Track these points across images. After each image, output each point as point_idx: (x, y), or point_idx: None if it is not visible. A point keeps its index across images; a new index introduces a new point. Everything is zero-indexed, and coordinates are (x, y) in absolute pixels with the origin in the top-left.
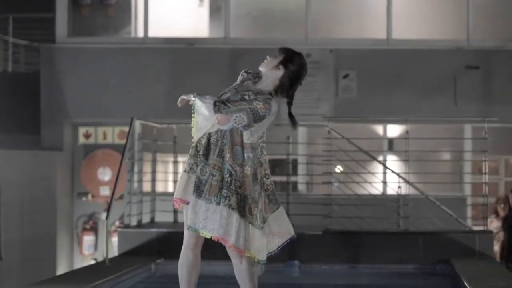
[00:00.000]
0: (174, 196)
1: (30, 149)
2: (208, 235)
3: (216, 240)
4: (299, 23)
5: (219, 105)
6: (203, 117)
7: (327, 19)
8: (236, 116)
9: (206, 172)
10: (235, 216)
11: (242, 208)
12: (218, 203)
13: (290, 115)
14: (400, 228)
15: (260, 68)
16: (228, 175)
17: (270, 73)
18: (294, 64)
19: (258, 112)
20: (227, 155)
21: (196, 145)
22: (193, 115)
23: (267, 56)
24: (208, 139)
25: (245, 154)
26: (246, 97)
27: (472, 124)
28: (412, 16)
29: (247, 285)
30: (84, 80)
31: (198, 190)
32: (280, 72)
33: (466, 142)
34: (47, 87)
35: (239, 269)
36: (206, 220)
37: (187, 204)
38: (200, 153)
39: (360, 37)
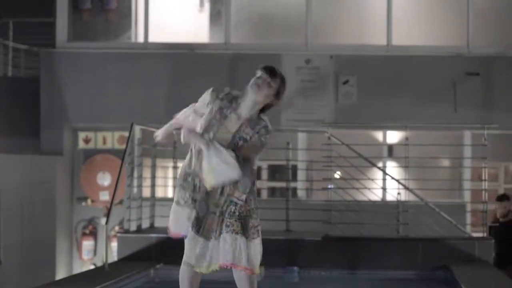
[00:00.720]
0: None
1: (30, 154)
2: (202, 270)
3: (226, 267)
4: (299, 29)
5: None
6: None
7: (327, 25)
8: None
9: (204, 208)
10: (239, 239)
11: (246, 229)
12: (219, 234)
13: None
14: (400, 235)
15: (258, 97)
16: (233, 207)
17: (263, 100)
18: (283, 92)
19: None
20: (229, 190)
21: (188, 176)
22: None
23: (267, 84)
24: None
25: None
26: (263, 139)
27: (472, 130)
28: (412, 22)
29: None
30: (84, 85)
31: (197, 226)
32: (271, 99)
33: (466, 149)
34: (47, 92)
35: (240, 277)
36: (202, 256)
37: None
38: (197, 188)
39: (360, 43)
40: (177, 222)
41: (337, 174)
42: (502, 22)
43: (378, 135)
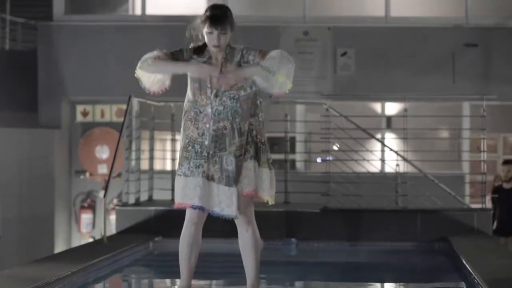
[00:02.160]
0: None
1: (28, 127)
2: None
3: (247, 194)
4: (297, 1)
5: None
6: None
7: None
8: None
9: (230, 160)
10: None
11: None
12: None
13: None
14: (399, 206)
15: (221, 48)
16: (253, 131)
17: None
18: (234, 23)
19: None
20: (246, 124)
21: (188, 145)
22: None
23: (220, 35)
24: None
25: (258, 101)
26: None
27: (471, 102)
28: None
29: (251, 254)
30: (81, 58)
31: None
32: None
33: (465, 120)
34: (44, 65)
35: (245, 236)
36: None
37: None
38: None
39: (359, 15)
40: (186, 193)
41: (336, 146)
42: None
43: (377, 106)
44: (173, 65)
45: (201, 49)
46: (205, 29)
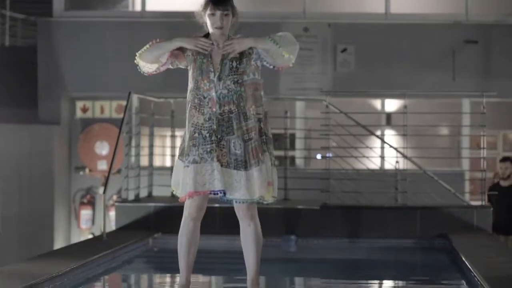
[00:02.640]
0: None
1: (28, 123)
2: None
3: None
4: None
5: None
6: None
7: None
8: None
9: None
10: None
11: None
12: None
13: None
14: (398, 203)
15: (224, 32)
16: (261, 125)
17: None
18: (235, 7)
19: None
20: (251, 109)
21: (194, 133)
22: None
23: (223, 17)
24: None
25: (262, 92)
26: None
27: (471, 98)
28: None
29: (252, 249)
30: (81, 54)
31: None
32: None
33: (464, 117)
34: (44, 61)
35: (247, 231)
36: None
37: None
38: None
39: (359, 11)
40: (200, 180)
41: (334, 143)
42: None
43: (377, 103)
44: (169, 42)
45: (203, 37)
46: (208, 12)
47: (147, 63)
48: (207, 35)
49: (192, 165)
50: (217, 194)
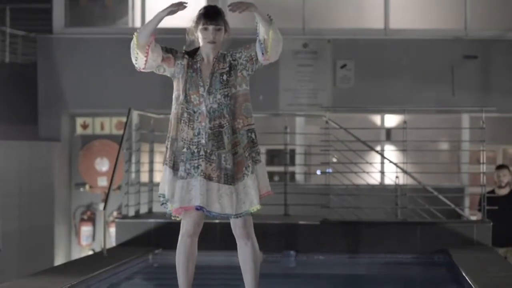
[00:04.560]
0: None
1: (28, 140)
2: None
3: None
4: (296, 13)
5: None
6: (279, 41)
7: (325, 9)
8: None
9: (228, 159)
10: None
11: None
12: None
13: None
14: (398, 218)
15: (216, 46)
16: (248, 138)
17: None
18: (227, 24)
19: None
20: (240, 122)
21: (182, 148)
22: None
23: (215, 31)
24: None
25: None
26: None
27: (470, 113)
28: (409, 5)
29: (250, 268)
30: (81, 71)
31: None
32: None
33: (464, 132)
34: (44, 78)
35: (244, 250)
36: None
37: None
38: (195, 152)
39: (358, 27)
40: (184, 196)
41: (334, 158)
42: (499, 5)
43: (376, 119)
44: (154, 18)
45: (193, 52)
46: (200, 26)
47: (141, 47)
48: (197, 49)
49: (180, 180)
50: (199, 209)
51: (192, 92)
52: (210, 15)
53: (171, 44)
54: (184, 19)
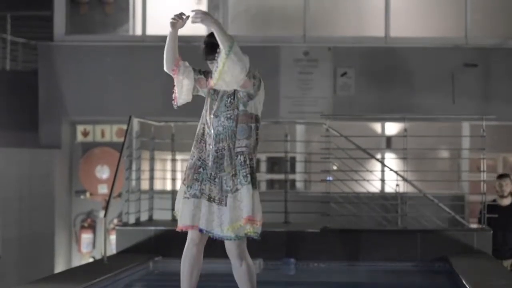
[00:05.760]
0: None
1: (28, 147)
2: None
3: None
4: (297, 21)
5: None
6: (233, 70)
7: (326, 17)
8: (254, 82)
9: (229, 182)
10: (253, 192)
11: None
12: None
13: None
14: (398, 226)
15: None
16: (241, 159)
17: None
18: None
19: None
20: (236, 144)
21: (199, 168)
22: (225, 56)
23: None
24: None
25: (252, 125)
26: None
27: (470, 122)
28: (410, 14)
29: (246, 286)
30: (82, 78)
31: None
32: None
33: (464, 140)
34: (45, 85)
35: (239, 271)
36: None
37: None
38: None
39: (359, 35)
40: (195, 214)
41: (335, 166)
42: (500, 13)
43: (377, 126)
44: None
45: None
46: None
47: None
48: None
49: (192, 199)
50: (203, 231)
51: (207, 114)
52: (206, 51)
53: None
54: (184, 26)
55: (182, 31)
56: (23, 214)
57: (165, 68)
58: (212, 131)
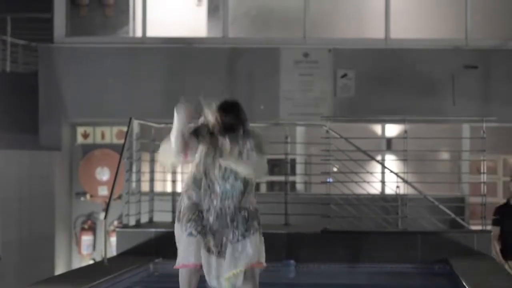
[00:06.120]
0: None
1: (28, 149)
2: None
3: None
4: (297, 22)
5: None
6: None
7: (326, 19)
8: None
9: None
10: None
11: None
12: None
13: None
14: (399, 228)
15: None
16: (245, 214)
17: None
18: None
19: None
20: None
21: (196, 210)
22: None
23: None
24: None
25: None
26: None
27: (471, 123)
28: (410, 15)
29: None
30: (82, 80)
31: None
32: None
33: (465, 142)
34: (45, 87)
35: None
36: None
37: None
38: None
39: (359, 37)
40: (190, 253)
41: (335, 168)
42: (500, 15)
43: (377, 128)
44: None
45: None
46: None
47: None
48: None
49: (192, 237)
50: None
51: (212, 167)
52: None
53: (172, 52)
54: (185, 27)
55: (182, 33)
56: (23, 215)
57: (172, 155)
58: (218, 188)
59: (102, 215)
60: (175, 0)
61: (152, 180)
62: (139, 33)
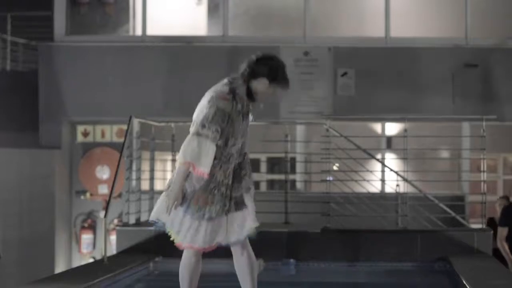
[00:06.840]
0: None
1: (29, 148)
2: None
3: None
4: (297, 21)
5: None
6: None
7: (326, 17)
8: None
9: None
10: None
11: None
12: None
13: None
14: (399, 226)
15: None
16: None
17: None
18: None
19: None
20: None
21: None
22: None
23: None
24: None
25: None
26: None
27: (471, 122)
28: (410, 14)
29: (247, 276)
30: (82, 79)
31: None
32: None
33: (464, 140)
34: (45, 86)
35: (240, 260)
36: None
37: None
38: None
39: (359, 35)
40: (213, 236)
41: (335, 166)
42: (500, 14)
43: (377, 127)
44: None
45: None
46: (279, 86)
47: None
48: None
49: (207, 222)
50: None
51: (233, 135)
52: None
53: (172, 51)
54: (185, 26)
55: (182, 31)
56: (23, 214)
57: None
58: (235, 149)
59: (102, 214)
60: None
61: (152, 179)
62: (139, 32)
